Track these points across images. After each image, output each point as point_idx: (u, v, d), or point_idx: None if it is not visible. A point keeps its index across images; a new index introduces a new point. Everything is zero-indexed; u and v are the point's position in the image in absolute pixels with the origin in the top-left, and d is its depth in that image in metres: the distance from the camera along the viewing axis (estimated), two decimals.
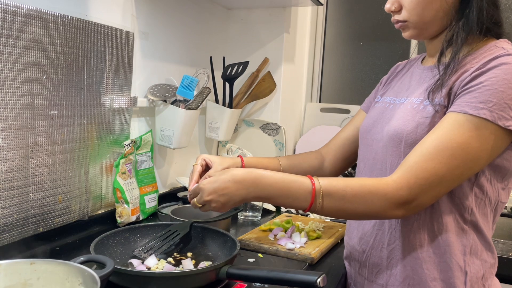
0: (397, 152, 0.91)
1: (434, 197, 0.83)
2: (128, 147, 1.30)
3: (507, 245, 1.35)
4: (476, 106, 0.79)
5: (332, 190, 0.84)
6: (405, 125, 0.90)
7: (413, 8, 0.90)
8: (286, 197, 0.86)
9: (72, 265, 0.74)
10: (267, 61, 1.93)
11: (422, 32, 0.93)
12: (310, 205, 0.85)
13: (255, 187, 0.87)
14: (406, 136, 0.89)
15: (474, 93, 0.80)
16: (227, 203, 0.89)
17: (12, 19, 0.99)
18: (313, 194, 0.84)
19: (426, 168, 0.80)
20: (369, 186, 0.83)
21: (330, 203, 0.84)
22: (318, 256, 1.13)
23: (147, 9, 1.46)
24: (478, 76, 0.81)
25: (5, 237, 1.03)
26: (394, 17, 0.95)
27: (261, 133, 1.94)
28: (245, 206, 1.46)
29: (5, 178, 1.01)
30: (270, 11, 1.93)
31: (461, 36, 0.87)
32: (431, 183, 0.80)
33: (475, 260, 0.89)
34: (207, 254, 1.09)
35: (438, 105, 0.86)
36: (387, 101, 1.02)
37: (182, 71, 1.60)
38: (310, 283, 0.82)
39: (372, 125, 1.01)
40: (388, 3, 0.94)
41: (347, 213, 0.86)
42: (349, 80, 2.29)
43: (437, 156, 0.80)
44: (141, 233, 1.11)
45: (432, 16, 0.90)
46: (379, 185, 0.82)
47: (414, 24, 0.92)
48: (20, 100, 1.03)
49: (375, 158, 0.98)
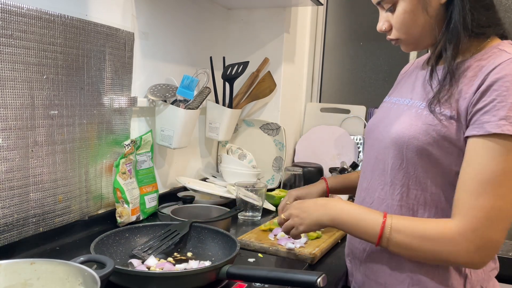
0: (399, 155, 0.91)
1: (503, 231, 0.80)
2: (128, 147, 1.30)
3: (507, 245, 1.35)
4: (497, 124, 0.78)
5: (400, 227, 0.85)
6: (408, 129, 0.89)
7: (400, 28, 0.91)
8: (358, 227, 0.90)
9: (72, 265, 0.74)
10: (267, 61, 1.93)
11: (417, 45, 0.94)
12: (379, 238, 0.87)
13: (332, 211, 0.95)
14: (408, 141, 0.89)
15: (491, 112, 0.79)
16: (304, 220, 0.99)
17: (12, 19, 0.99)
18: (382, 227, 0.86)
19: (480, 206, 0.78)
20: (437, 229, 0.82)
21: (397, 240, 0.85)
22: (318, 256, 1.14)
23: (147, 9, 1.46)
24: (486, 92, 0.80)
25: (5, 237, 1.03)
26: (387, 36, 0.96)
27: (261, 133, 1.94)
28: (245, 206, 1.46)
29: (5, 178, 1.01)
30: (270, 11, 1.93)
31: (449, 49, 0.87)
32: (493, 219, 0.78)
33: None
34: (207, 254, 1.09)
35: (440, 114, 0.86)
36: (392, 102, 1.02)
37: (182, 71, 1.60)
38: (310, 283, 0.82)
39: (376, 125, 1.02)
40: (379, 23, 0.95)
41: (415, 253, 0.85)
42: (349, 80, 2.29)
43: (485, 191, 0.78)
44: (141, 233, 1.11)
45: (420, 32, 0.90)
46: (445, 229, 0.82)
47: (406, 41, 0.93)
48: (20, 100, 1.03)
49: (377, 158, 0.98)
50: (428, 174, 0.89)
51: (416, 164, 0.89)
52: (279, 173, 1.90)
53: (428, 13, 0.88)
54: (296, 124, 2.20)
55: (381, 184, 0.96)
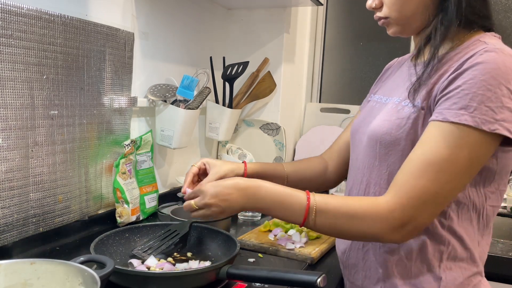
0: (373, 153, 0.89)
1: (431, 216, 0.79)
2: (128, 147, 1.30)
3: (507, 245, 1.35)
4: (457, 112, 0.75)
5: (325, 208, 0.82)
6: (381, 126, 0.87)
7: (393, 4, 0.87)
8: (281, 210, 0.86)
9: (72, 265, 0.74)
10: (267, 61, 1.93)
11: (405, 28, 0.91)
12: (304, 220, 0.83)
13: (254, 197, 0.88)
14: (380, 137, 0.87)
15: (453, 99, 0.77)
16: (226, 210, 0.89)
17: (12, 19, 0.99)
18: (306, 210, 0.83)
19: (416, 186, 0.77)
20: (363, 207, 0.80)
21: (323, 221, 0.83)
22: (318, 256, 1.14)
23: (147, 9, 1.46)
24: (455, 79, 0.78)
25: (5, 237, 1.03)
26: (376, 14, 0.92)
27: (261, 133, 1.94)
28: None
29: (5, 178, 1.01)
30: (270, 11, 1.93)
31: (440, 31, 0.84)
32: (425, 202, 0.77)
33: (453, 267, 0.85)
34: (207, 254, 1.09)
35: (417, 107, 0.83)
36: (375, 100, 1.00)
37: (182, 71, 1.60)
38: (310, 283, 0.82)
39: (359, 125, 0.99)
40: (369, 0, 0.91)
41: (340, 232, 0.85)
42: (349, 80, 2.29)
43: (426, 172, 0.77)
44: (141, 233, 1.12)
45: (413, 11, 0.87)
46: (372, 206, 0.80)
47: (396, 20, 0.89)
48: (20, 100, 1.03)
49: (358, 159, 0.96)
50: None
51: (389, 162, 0.87)
52: None
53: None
54: (296, 124, 2.21)
55: (358, 184, 0.95)
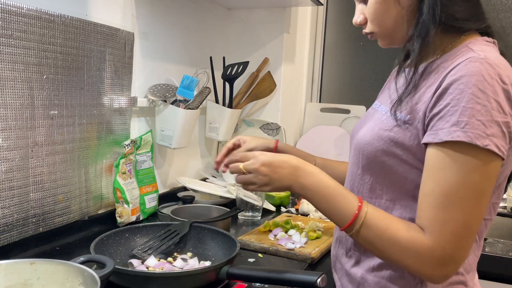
0: (356, 161, 0.89)
1: (468, 248, 0.76)
2: (128, 147, 1.30)
3: (507, 245, 1.35)
4: (449, 130, 0.72)
5: (372, 223, 0.79)
6: (365, 135, 0.87)
7: (373, 19, 0.87)
8: (327, 207, 0.83)
9: (72, 265, 0.74)
10: (267, 61, 1.93)
11: (393, 40, 0.89)
12: (346, 227, 0.81)
13: (303, 180, 0.85)
14: (363, 146, 0.86)
15: (445, 118, 0.73)
16: (273, 183, 0.87)
17: (12, 19, 0.99)
18: (353, 218, 0.80)
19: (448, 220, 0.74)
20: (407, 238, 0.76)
21: (365, 234, 0.79)
22: (318, 256, 1.14)
23: (147, 9, 1.46)
24: (442, 96, 0.74)
25: (5, 237, 1.03)
26: (363, 30, 0.91)
27: (261, 133, 1.94)
28: (245, 206, 1.46)
29: (5, 178, 1.01)
30: (270, 11, 1.93)
31: (417, 45, 0.80)
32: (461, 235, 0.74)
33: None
34: (207, 254, 1.09)
35: (400, 121, 0.81)
36: (373, 106, 0.99)
37: (182, 71, 1.60)
38: (310, 283, 0.82)
39: (354, 131, 0.99)
40: (354, 16, 0.91)
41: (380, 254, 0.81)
42: (349, 80, 2.29)
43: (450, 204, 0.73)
44: (141, 233, 1.12)
45: (393, 24, 0.85)
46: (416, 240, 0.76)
47: (381, 34, 0.88)
48: (20, 100, 1.03)
49: (349, 166, 0.97)
50: (383, 182, 0.85)
51: (371, 171, 0.86)
52: None
53: (400, 3, 0.82)
54: (296, 124, 2.20)
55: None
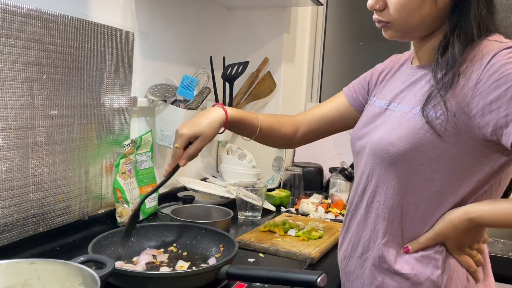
0: (378, 162, 0.87)
1: None
2: (128, 147, 1.30)
3: (507, 245, 1.35)
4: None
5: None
6: (389, 134, 0.85)
7: (399, 11, 0.83)
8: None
9: (72, 265, 0.74)
10: (267, 61, 1.93)
11: (405, 35, 0.88)
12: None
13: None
14: (386, 146, 0.84)
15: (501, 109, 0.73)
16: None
17: (12, 19, 0.99)
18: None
19: None
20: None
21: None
22: (318, 256, 1.14)
23: (147, 9, 1.46)
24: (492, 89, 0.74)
25: (5, 237, 1.03)
26: (376, 16, 0.87)
27: None
28: (245, 206, 1.46)
29: (5, 178, 1.01)
30: (270, 11, 1.93)
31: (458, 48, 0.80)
32: None
33: (454, 277, 0.83)
34: (206, 254, 1.09)
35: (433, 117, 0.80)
36: (380, 106, 0.96)
37: (182, 71, 1.60)
38: (310, 283, 0.82)
39: (362, 131, 0.96)
40: (371, 0, 0.86)
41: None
42: (349, 80, 2.25)
43: None
44: (141, 233, 1.11)
45: (419, 22, 0.83)
46: None
47: (398, 27, 0.86)
48: (20, 100, 1.03)
49: (358, 165, 0.95)
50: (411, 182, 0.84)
51: (397, 171, 0.84)
52: (279, 173, 1.90)
53: (436, 4, 0.81)
54: None
55: (362, 190, 0.93)
